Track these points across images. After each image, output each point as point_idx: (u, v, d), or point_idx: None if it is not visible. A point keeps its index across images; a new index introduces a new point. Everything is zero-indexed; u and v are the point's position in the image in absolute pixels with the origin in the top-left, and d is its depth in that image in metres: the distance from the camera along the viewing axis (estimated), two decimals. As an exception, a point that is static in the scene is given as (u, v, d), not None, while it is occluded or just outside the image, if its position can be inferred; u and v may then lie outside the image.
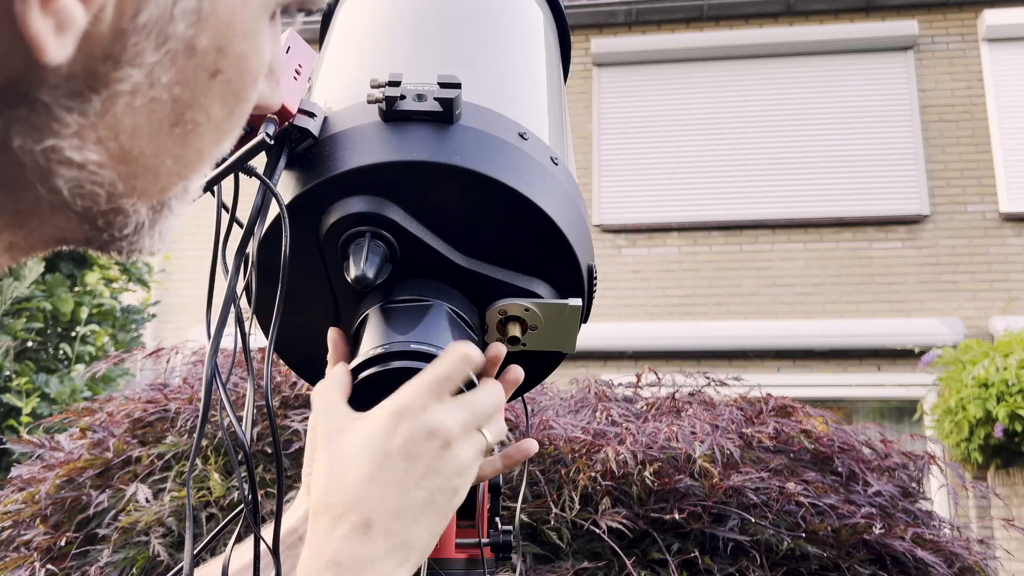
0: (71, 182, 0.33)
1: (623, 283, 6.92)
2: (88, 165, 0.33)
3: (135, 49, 0.31)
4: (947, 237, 6.73)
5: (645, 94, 7.44)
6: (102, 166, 0.33)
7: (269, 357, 0.57)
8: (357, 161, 0.57)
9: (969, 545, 1.79)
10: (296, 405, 1.78)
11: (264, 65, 0.38)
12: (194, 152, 0.37)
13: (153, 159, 0.35)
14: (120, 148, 0.33)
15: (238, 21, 0.35)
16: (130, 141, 0.34)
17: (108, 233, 0.36)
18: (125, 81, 0.32)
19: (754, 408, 1.98)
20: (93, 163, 0.33)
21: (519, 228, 0.60)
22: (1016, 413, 4.98)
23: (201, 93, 0.35)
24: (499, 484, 0.72)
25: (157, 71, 0.32)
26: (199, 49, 0.33)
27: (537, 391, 1.99)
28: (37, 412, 3.81)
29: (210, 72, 0.35)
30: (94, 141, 0.32)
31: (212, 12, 0.33)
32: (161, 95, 0.33)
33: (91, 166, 0.33)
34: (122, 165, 0.34)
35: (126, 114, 0.33)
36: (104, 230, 0.36)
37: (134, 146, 0.34)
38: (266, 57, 0.38)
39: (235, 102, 0.37)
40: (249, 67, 0.37)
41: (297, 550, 0.65)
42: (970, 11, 7.15)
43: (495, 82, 0.67)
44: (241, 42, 0.35)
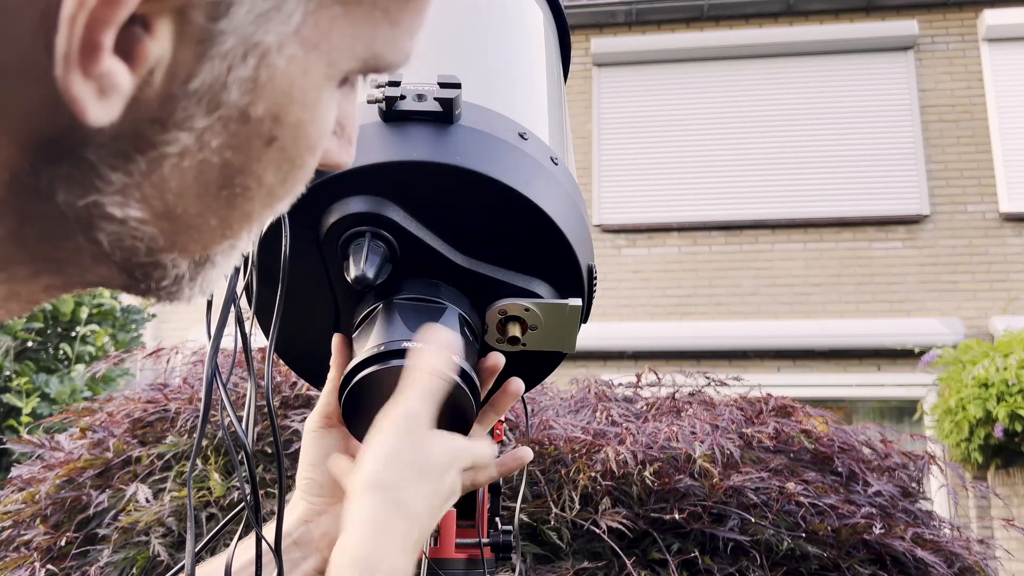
0: (112, 236, 0.32)
1: (623, 283, 6.92)
2: (130, 221, 0.32)
3: (184, 114, 0.31)
4: (947, 237, 6.73)
5: (645, 94, 7.44)
6: (144, 222, 0.33)
7: (269, 357, 0.57)
8: (357, 161, 0.57)
9: (969, 545, 1.79)
10: (296, 405, 1.78)
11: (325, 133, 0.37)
12: (241, 214, 0.36)
13: (197, 218, 0.34)
14: (164, 206, 0.33)
15: (297, 90, 0.34)
16: (175, 200, 0.33)
17: (146, 284, 0.36)
18: (173, 144, 0.31)
19: (754, 408, 1.98)
20: (135, 219, 0.32)
21: (519, 228, 0.60)
22: (1016, 413, 4.98)
23: (254, 159, 0.34)
24: (499, 484, 0.73)
25: (207, 135, 0.32)
26: (254, 117, 0.33)
27: (537, 391, 1.99)
28: (37, 412, 3.81)
29: (265, 140, 0.34)
30: (137, 199, 0.32)
31: (270, 81, 0.32)
32: (211, 158, 0.33)
33: (132, 222, 0.32)
34: (165, 222, 0.33)
35: (173, 175, 0.32)
36: (142, 280, 0.36)
37: (179, 205, 0.33)
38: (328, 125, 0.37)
39: (290, 169, 0.36)
40: (306, 136, 0.36)
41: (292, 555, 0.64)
42: (970, 11, 7.15)
43: (495, 82, 0.67)
44: (299, 111, 0.34)
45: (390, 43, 0.36)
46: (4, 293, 0.32)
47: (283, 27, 0.31)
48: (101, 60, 0.27)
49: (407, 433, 0.55)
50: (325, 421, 0.67)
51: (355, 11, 0.34)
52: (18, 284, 0.33)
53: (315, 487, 0.67)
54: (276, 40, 0.31)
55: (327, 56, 0.34)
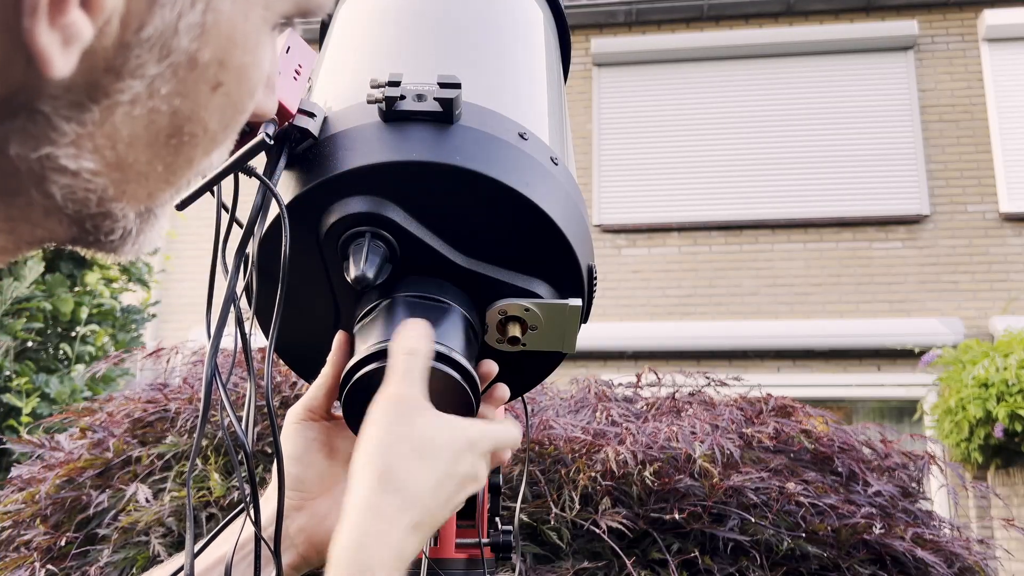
0: (64, 188, 0.33)
1: (623, 283, 6.92)
2: (83, 173, 0.33)
3: (137, 61, 0.31)
4: (947, 237, 6.73)
5: (645, 94, 7.44)
6: (96, 174, 0.33)
7: (269, 357, 0.57)
8: (357, 161, 0.57)
9: (969, 545, 1.79)
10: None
11: (263, 77, 0.38)
12: (184, 160, 0.37)
13: (146, 166, 0.35)
14: (116, 156, 0.33)
15: (240, 34, 0.34)
16: (126, 150, 0.33)
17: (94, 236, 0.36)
18: (126, 92, 0.32)
19: (754, 408, 1.98)
20: (88, 171, 0.33)
21: (519, 228, 0.60)
22: (1016, 413, 4.98)
23: (201, 106, 0.35)
24: (499, 484, 0.72)
25: (158, 83, 0.32)
26: (201, 62, 0.33)
27: (537, 391, 1.99)
28: (37, 412, 3.81)
29: (211, 85, 0.34)
30: (90, 150, 0.32)
31: (215, 26, 0.33)
32: (161, 106, 0.33)
33: (85, 173, 0.33)
34: (116, 172, 0.34)
35: (124, 123, 0.33)
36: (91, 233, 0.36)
37: (129, 154, 0.34)
38: (265, 68, 0.38)
39: (233, 114, 0.37)
40: (249, 79, 0.36)
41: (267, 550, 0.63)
42: (970, 11, 7.15)
43: (495, 82, 0.67)
44: (242, 55, 0.35)
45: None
46: None
47: None
48: (68, 11, 0.28)
49: (395, 415, 0.54)
50: (308, 414, 0.67)
51: None
52: None
53: (294, 481, 0.64)
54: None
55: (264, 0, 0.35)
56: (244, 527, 0.61)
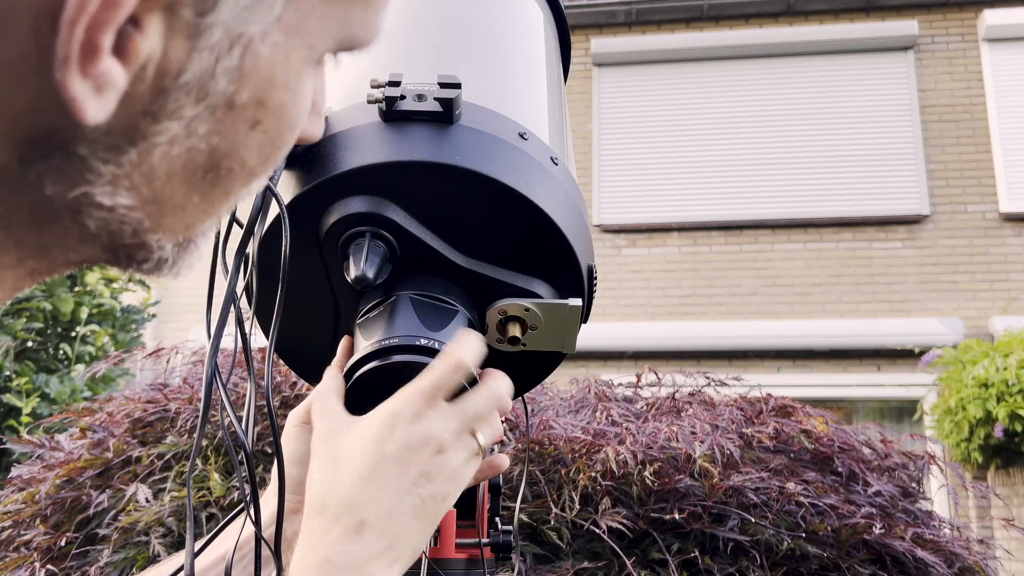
0: (99, 221, 0.33)
1: (623, 283, 6.92)
2: (118, 208, 0.33)
3: (175, 105, 0.32)
4: (947, 237, 6.73)
5: (645, 94, 7.44)
6: (132, 209, 0.33)
7: (269, 357, 0.57)
8: (357, 161, 0.57)
9: (969, 545, 1.79)
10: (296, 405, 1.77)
11: (304, 113, 0.38)
12: (222, 192, 0.37)
13: (182, 199, 0.35)
14: (152, 192, 0.34)
15: (280, 74, 0.35)
16: (163, 186, 0.34)
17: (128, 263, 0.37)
18: (163, 134, 0.32)
19: (754, 408, 1.98)
20: (123, 206, 0.33)
21: (519, 228, 0.60)
22: (1016, 413, 4.98)
23: (239, 144, 0.35)
24: (499, 484, 0.72)
25: (195, 123, 0.33)
26: (239, 103, 0.33)
27: (537, 391, 1.99)
28: (37, 412, 3.81)
29: (249, 124, 0.35)
30: (127, 187, 0.33)
31: (254, 68, 0.33)
32: (199, 145, 0.33)
33: (121, 209, 0.33)
34: (152, 206, 0.34)
35: (161, 163, 0.33)
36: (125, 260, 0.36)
37: (166, 190, 0.34)
38: (307, 105, 0.38)
39: (272, 150, 0.37)
40: (288, 116, 0.37)
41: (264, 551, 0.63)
42: (970, 11, 7.15)
43: (495, 82, 0.67)
44: (282, 94, 0.35)
45: (363, 22, 0.38)
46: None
47: (266, 16, 0.32)
48: (100, 61, 0.28)
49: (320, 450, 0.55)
50: (308, 417, 0.67)
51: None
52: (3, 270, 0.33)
53: (293, 484, 0.64)
54: (260, 30, 0.32)
55: (307, 40, 0.35)
56: (244, 527, 0.61)
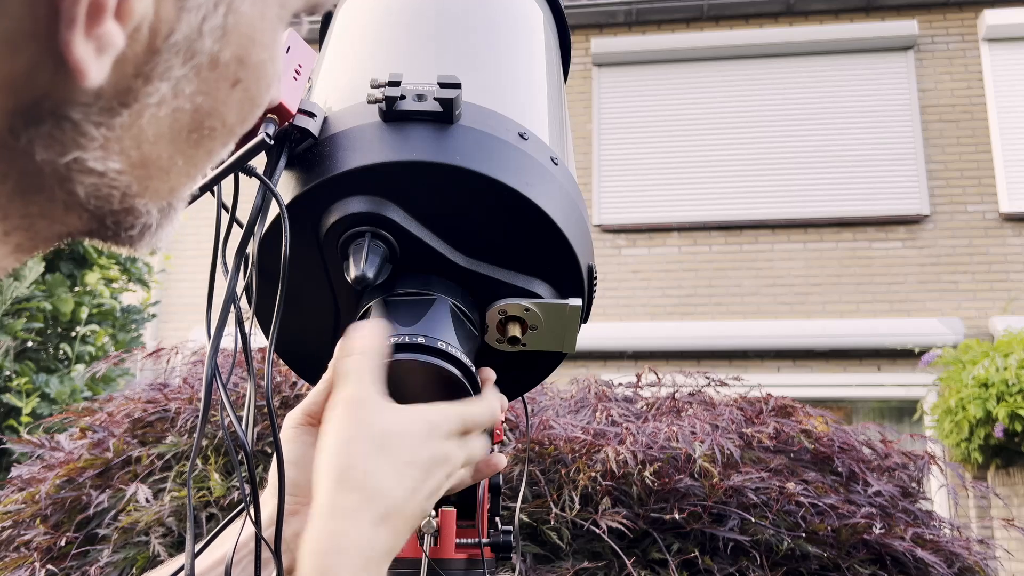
0: (89, 187, 0.33)
1: (623, 283, 6.92)
2: (109, 173, 0.33)
3: (165, 66, 0.32)
4: (947, 237, 6.73)
5: (645, 94, 7.44)
6: (121, 172, 0.34)
7: (269, 357, 0.57)
8: (357, 161, 0.57)
9: (969, 545, 1.79)
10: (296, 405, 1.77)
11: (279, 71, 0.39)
12: (204, 152, 0.37)
13: (168, 161, 0.36)
14: (141, 155, 0.34)
15: (258, 32, 0.35)
16: (151, 148, 0.34)
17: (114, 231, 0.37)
18: (154, 95, 0.33)
19: (754, 408, 1.98)
20: (114, 171, 0.33)
21: (519, 228, 0.60)
22: (1016, 413, 4.98)
23: (221, 102, 0.36)
24: (499, 484, 0.72)
25: (183, 83, 0.33)
26: (222, 62, 0.34)
27: (537, 391, 1.99)
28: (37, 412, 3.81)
29: (231, 82, 0.35)
30: (117, 152, 0.33)
31: (236, 26, 0.34)
32: (184, 105, 0.34)
33: (111, 173, 0.33)
34: (140, 170, 0.34)
35: (150, 124, 0.33)
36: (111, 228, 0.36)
37: (153, 151, 0.34)
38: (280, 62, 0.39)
39: (251, 108, 0.38)
40: (266, 74, 0.38)
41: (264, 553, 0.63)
42: (970, 11, 7.15)
43: (495, 82, 0.67)
44: (260, 51, 0.36)
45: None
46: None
47: None
48: (104, 20, 0.28)
49: (350, 416, 0.54)
50: (307, 419, 0.67)
51: None
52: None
53: (290, 486, 0.65)
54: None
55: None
56: (244, 527, 0.61)
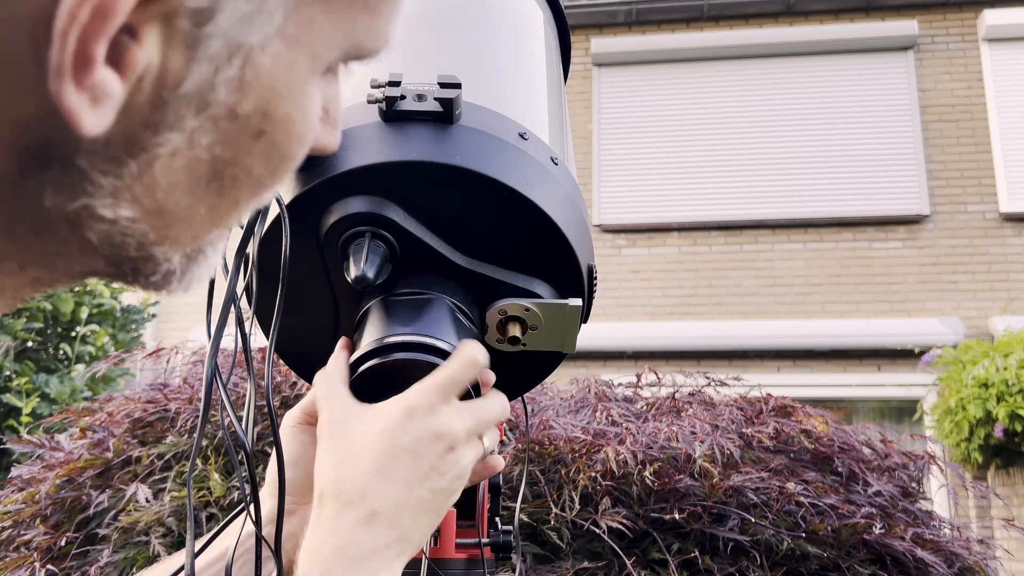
0: (102, 234, 0.33)
1: (623, 283, 6.92)
2: (120, 220, 0.33)
3: (175, 116, 0.31)
4: (947, 237, 6.73)
5: (645, 94, 7.44)
6: (135, 221, 0.33)
7: (270, 357, 0.57)
8: (357, 161, 0.57)
9: (969, 545, 1.79)
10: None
11: (313, 123, 0.38)
12: (230, 202, 0.36)
13: (188, 210, 0.35)
14: (155, 203, 0.33)
15: (283, 85, 0.34)
16: (166, 197, 0.33)
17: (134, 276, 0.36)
18: (165, 145, 0.32)
19: (754, 408, 1.98)
20: (125, 218, 0.33)
21: (519, 228, 0.60)
22: (1016, 413, 4.98)
23: (243, 153, 0.35)
24: (499, 484, 0.72)
25: (198, 134, 0.32)
26: (241, 114, 0.33)
27: (537, 391, 1.99)
28: (37, 412, 3.81)
29: (253, 134, 0.34)
30: (128, 200, 0.32)
31: (256, 78, 0.33)
32: (201, 155, 0.33)
33: (123, 221, 0.33)
34: (155, 218, 0.34)
35: (163, 173, 0.33)
36: (130, 275, 0.36)
37: (169, 200, 0.34)
38: (315, 114, 0.38)
39: (280, 160, 0.37)
40: (294, 127, 0.36)
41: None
42: (970, 11, 7.15)
43: (495, 82, 0.67)
44: (287, 105, 0.35)
45: (370, 31, 0.38)
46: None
47: (266, 27, 0.32)
48: (94, 71, 0.28)
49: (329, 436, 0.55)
50: (305, 418, 0.67)
51: (335, 4, 0.35)
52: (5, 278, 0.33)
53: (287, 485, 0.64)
54: (260, 40, 0.32)
55: (310, 50, 0.35)
56: (244, 526, 0.61)
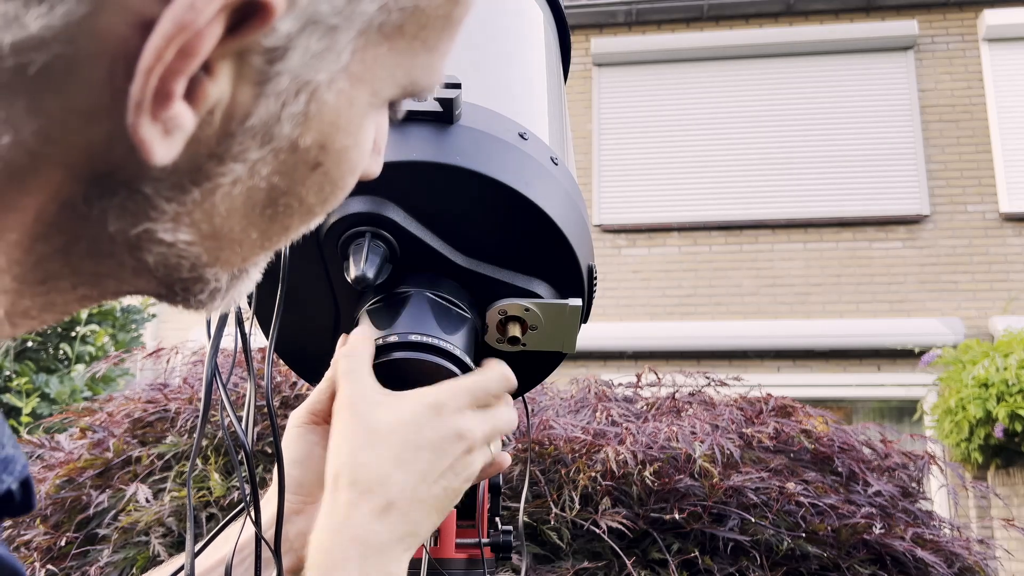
0: (158, 257, 0.34)
1: (623, 283, 6.92)
2: (178, 244, 0.34)
3: (240, 148, 0.32)
4: (947, 237, 6.73)
5: (645, 94, 7.44)
6: (192, 244, 0.34)
7: (270, 357, 0.57)
8: (357, 161, 0.57)
9: (969, 545, 1.79)
10: (296, 405, 1.77)
11: (365, 156, 0.39)
12: (280, 228, 0.37)
13: (241, 234, 0.36)
14: (212, 228, 0.34)
15: (343, 120, 0.35)
16: (223, 222, 0.34)
17: (183, 296, 0.37)
18: (227, 175, 0.33)
19: (754, 408, 1.98)
20: (184, 242, 0.34)
21: (519, 228, 0.60)
22: (1016, 413, 4.98)
23: (299, 183, 0.35)
24: (499, 484, 0.72)
25: (259, 165, 0.33)
26: (302, 147, 0.34)
27: (537, 391, 1.99)
28: (37, 412, 3.81)
29: (311, 166, 0.35)
30: (188, 224, 0.33)
31: (319, 114, 0.34)
32: (260, 184, 0.34)
33: (181, 244, 0.34)
34: (211, 241, 0.35)
35: (223, 201, 0.33)
36: (180, 294, 0.37)
37: (225, 225, 0.35)
38: (368, 148, 0.39)
39: (332, 190, 0.38)
40: (349, 160, 0.37)
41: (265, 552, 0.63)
42: (970, 11, 7.15)
43: (495, 82, 0.67)
44: (344, 138, 0.36)
45: (427, 69, 0.38)
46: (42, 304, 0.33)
47: (334, 65, 0.33)
48: (172, 105, 0.29)
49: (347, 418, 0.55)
50: (311, 417, 0.67)
51: (398, 44, 0.36)
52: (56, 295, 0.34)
53: (294, 485, 0.65)
54: (327, 77, 0.33)
55: (371, 87, 0.36)
56: (244, 527, 0.61)
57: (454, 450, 0.54)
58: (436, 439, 0.54)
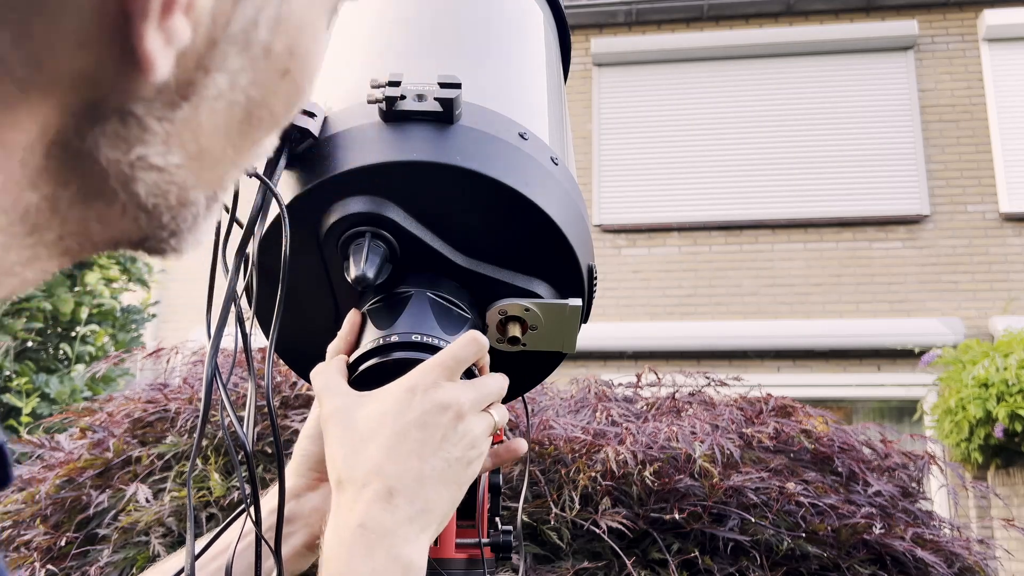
0: (151, 185, 0.33)
1: (623, 283, 6.92)
2: (169, 167, 0.34)
3: (223, 57, 0.32)
4: (947, 237, 6.73)
5: (645, 94, 7.44)
6: (180, 167, 0.34)
7: (270, 357, 0.57)
8: (357, 161, 0.58)
9: (969, 545, 1.79)
10: (296, 405, 1.78)
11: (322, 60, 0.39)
12: (251, 142, 0.38)
13: (220, 152, 0.36)
14: (198, 147, 0.34)
15: (307, 21, 0.36)
16: (207, 140, 0.35)
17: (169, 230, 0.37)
18: (212, 87, 0.33)
19: (754, 408, 1.98)
20: (174, 165, 0.34)
21: (519, 228, 0.60)
22: (1016, 413, 4.98)
23: (271, 92, 0.36)
24: (499, 484, 0.72)
25: (239, 75, 0.34)
26: (275, 52, 0.35)
27: (537, 391, 1.99)
28: (37, 412, 3.81)
29: (281, 72, 0.36)
30: (178, 145, 0.33)
31: (289, 16, 0.34)
32: (238, 97, 0.34)
33: (172, 168, 0.34)
34: (196, 162, 0.35)
35: (208, 117, 0.34)
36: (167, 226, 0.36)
37: (209, 143, 0.35)
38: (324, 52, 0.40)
39: (297, 97, 0.38)
40: (312, 63, 0.38)
41: None
42: (970, 11, 7.15)
43: (495, 82, 0.67)
44: (308, 41, 0.37)
45: None
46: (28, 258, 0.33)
47: None
48: (174, 12, 0.29)
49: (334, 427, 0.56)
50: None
51: None
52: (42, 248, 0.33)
53: (311, 460, 0.67)
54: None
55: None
56: (244, 527, 0.61)
57: (441, 421, 0.54)
58: (418, 416, 0.54)
